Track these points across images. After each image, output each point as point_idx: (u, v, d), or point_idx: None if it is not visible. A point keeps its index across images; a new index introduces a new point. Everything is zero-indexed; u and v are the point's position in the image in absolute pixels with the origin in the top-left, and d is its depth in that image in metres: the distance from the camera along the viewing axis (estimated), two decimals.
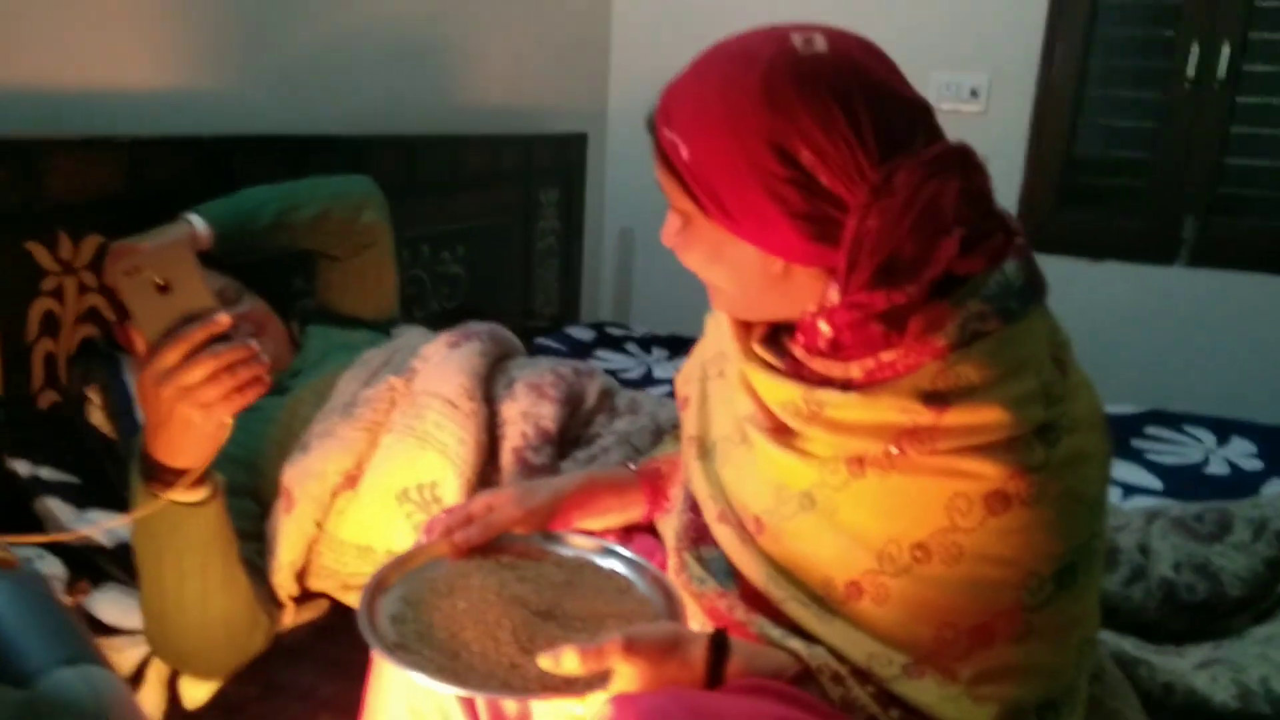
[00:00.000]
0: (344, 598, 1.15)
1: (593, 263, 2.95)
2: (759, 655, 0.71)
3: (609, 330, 2.45)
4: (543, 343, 2.22)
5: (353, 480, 1.14)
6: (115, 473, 1.26)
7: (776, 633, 0.72)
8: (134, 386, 1.27)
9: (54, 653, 0.46)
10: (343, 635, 0.80)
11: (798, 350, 0.74)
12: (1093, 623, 0.73)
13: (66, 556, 1.14)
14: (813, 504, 0.72)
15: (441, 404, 1.15)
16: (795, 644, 0.71)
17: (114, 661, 1.07)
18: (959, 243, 0.67)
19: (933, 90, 2.52)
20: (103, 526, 1.13)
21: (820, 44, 0.70)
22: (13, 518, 1.17)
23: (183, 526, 0.93)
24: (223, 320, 0.85)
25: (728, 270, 0.76)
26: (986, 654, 0.67)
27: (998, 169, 0.72)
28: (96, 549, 1.15)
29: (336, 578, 1.14)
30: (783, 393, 0.74)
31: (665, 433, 1.20)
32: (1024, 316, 0.69)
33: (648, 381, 2.08)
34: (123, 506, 0.95)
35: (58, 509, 1.20)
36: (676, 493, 0.91)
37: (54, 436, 1.30)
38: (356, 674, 0.89)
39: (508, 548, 0.88)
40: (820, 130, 0.67)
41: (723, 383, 0.85)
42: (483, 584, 0.80)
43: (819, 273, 0.72)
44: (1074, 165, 2.52)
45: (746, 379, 0.79)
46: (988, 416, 0.66)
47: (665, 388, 1.97)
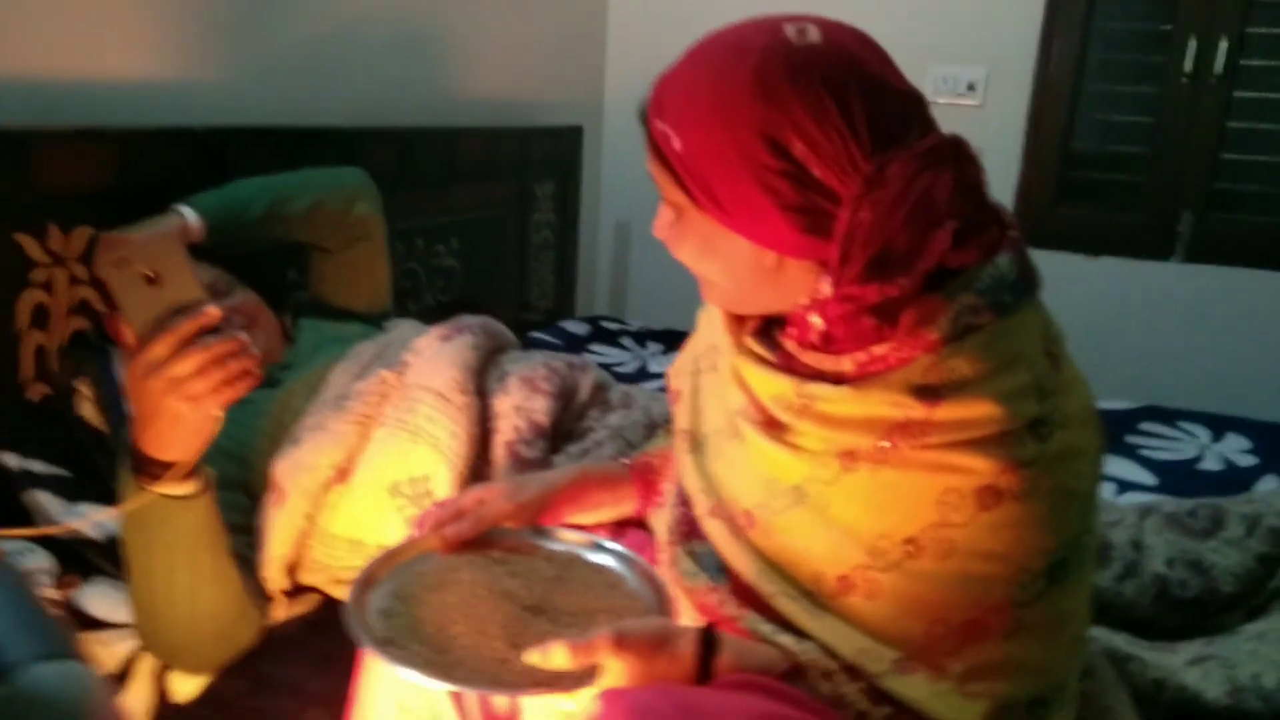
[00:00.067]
0: (335, 592, 1.15)
1: (588, 256, 2.94)
2: (749, 651, 0.70)
3: (604, 324, 2.45)
4: (537, 336, 2.21)
5: (344, 474, 1.13)
6: (106, 466, 1.26)
7: (767, 628, 0.72)
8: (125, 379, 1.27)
9: (32, 647, 0.46)
10: (333, 630, 0.80)
11: (789, 343, 0.73)
12: (1084, 619, 0.72)
13: (56, 550, 1.13)
14: (804, 498, 0.72)
15: (433, 397, 1.14)
16: (785, 639, 0.70)
17: (103, 655, 1.07)
18: (952, 235, 0.66)
19: (930, 84, 2.51)
20: (92, 520, 1.13)
21: (813, 35, 0.69)
22: (1, 511, 1.17)
23: (172, 520, 0.93)
24: (212, 312, 0.85)
25: (720, 263, 0.75)
26: (977, 650, 0.66)
27: (994, 163, 0.71)
28: (86, 542, 1.15)
29: (328, 571, 1.14)
30: (774, 386, 0.74)
31: (658, 427, 1.19)
32: (1017, 310, 0.69)
33: (642, 376, 2.08)
34: (113, 500, 0.94)
35: (47, 502, 1.19)
36: (668, 487, 0.91)
37: (44, 429, 1.29)
38: (346, 669, 0.89)
39: (498, 542, 0.88)
40: (813, 121, 0.66)
41: (715, 376, 0.84)
42: (473, 579, 0.80)
43: (812, 265, 0.71)
44: (1071, 160, 2.52)
45: (738, 372, 0.78)
46: (980, 411, 0.66)
47: (659, 382, 1.97)
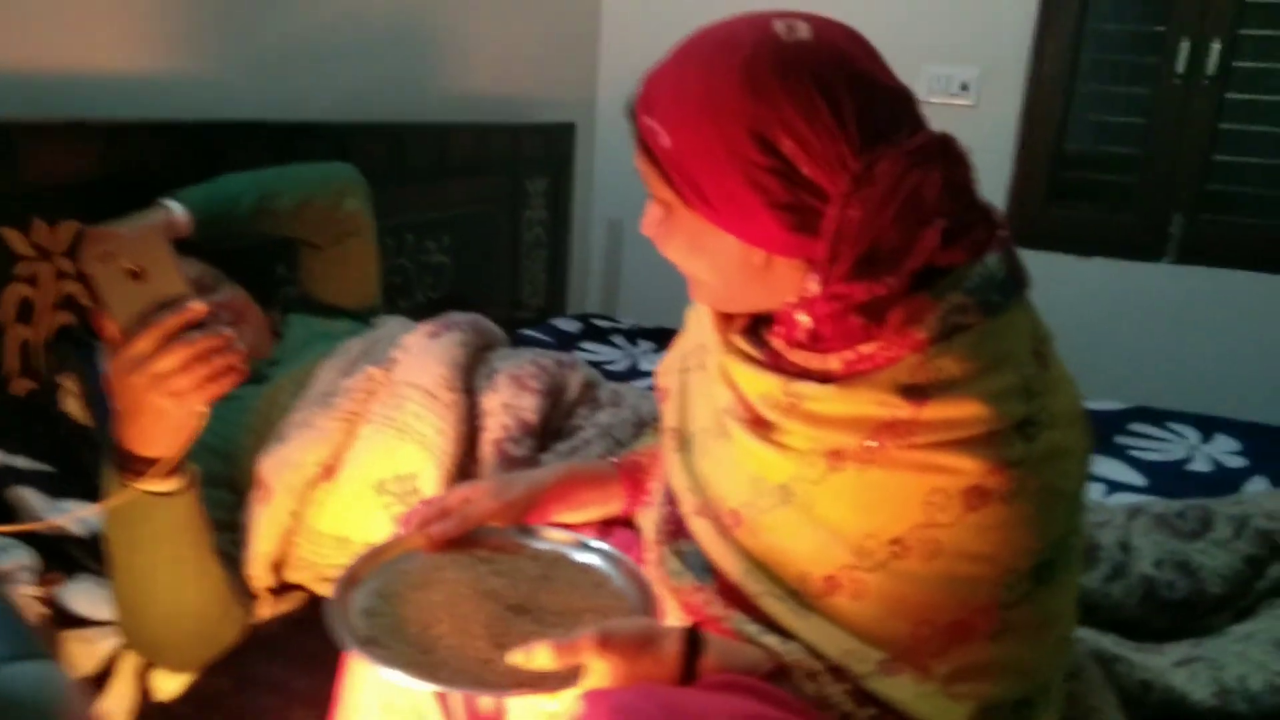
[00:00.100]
0: (320, 589, 1.14)
1: (580, 254, 2.93)
2: (733, 651, 0.70)
3: (595, 322, 2.44)
4: (528, 334, 2.20)
5: (330, 471, 1.13)
6: (91, 462, 1.25)
7: (752, 628, 0.72)
8: None
9: (2, 648, 0.45)
10: (318, 628, 0.79)
11: (777, 342, 0.73)
12: (1070, 620, 0.72)
13: (39, 546, 1.12)
14: (790, 497, 0.72)
15: (421, 395, 1.13)
16: (770, 640, 0.70)
17: (86, 653, 1.06)
18: (941, 234, 0.66)
19: (923, 83, 2.51)
20: (74, 516, 1.12)
21: (803, 31, 0.69)
22: None
23: (155, 517, 0.92)
24: (197, 308, 0.84)
25: (708, 261, 0.75)
26: (963, 651, 0.66)
27: (987, 163, 0.71)
28: (69, 539, 1.14)
29: (314, 569, 1.13)
30: (762, 384, 0.73)
31: (647, 425, 1.19)
32: (1006, 310, 0.69)
33: (633, 374, 2.07)
34: (98, 496, 0.93)
35: (31, 498, 1.18)
36: (656, 486, 0.90)
37: (28, 424, 1.28)
38: (331, 667, 0.88)
39: (484, 541, 0.87)
40: (802, 119, 0.66)
41: (703, 375, 0.84)
42: (457, 578, 0.80)
43: (800, 264, 0.71)
44: (1063, 160, 2.52)
45: (726, 370, 0.78)
46: (967, 411, 0.66)
47: (650, 380, 1.96)
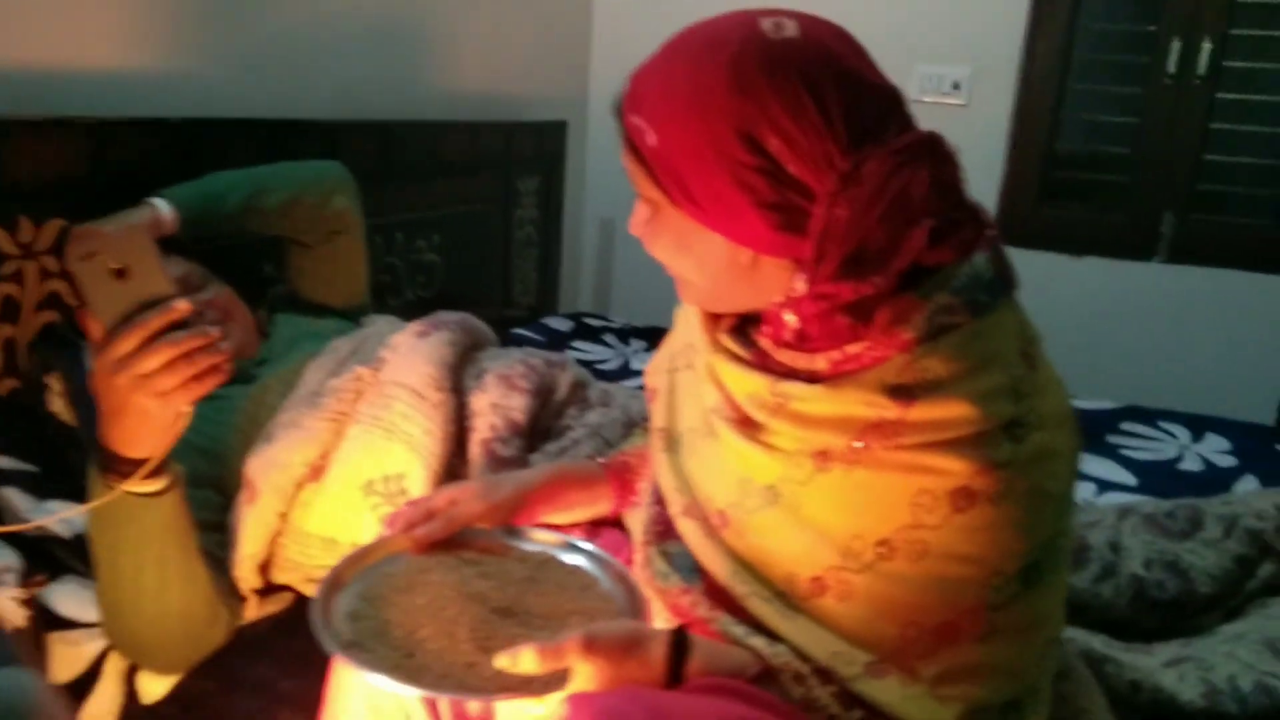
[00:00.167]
0: (308, 590, 1.13)
1: (572, 253, 2.92)
2: (720, 654, 0.70)
3: (587, 321, 2.43)
4: (520, 333, 2.20)
5: (318, 471, 1.12)
6: (76, 462, 1.23)
7: (739, 630, 0.71)
8: None
9: None
10: (304, 629, 0.79)
11: (764, 341, 0.73)
12: (1058, 622, 0.72)
13: (23, 548, 1.11)
14: (777, 498, 0.71)
15: (408, 394, 1.13)
16: (757, 642, 0.70)
17: (71, 655, 1.05)
18: (928, 233, 0.66)
19: (915, 83, 2.51)
20: (58, 517, 1.11)
21: (790, 29, 0.68)
22: None
23: (139, 517, 0.91)
24: (181, 307, 0.83)
25: (695, 261, 0.74)
26: (950, 653, 0.66)
27: (979, 163, 0.70)
28: (54, 540, 1.13)
29: (301, 570, 1.12)
30: (749, 384, 0.73)
31: (637, 425, 1.18)
32: (993, 310, 0.69)
33: (624, 373, 2.07)
34: (84, 496, 0.92)
35: (16, 499, 1.17)
36: (644, 486, 0.90)
37: (13, 424, 1.27)
38: (318, 669, 0.87)
39: (470, 543, 0.87)
40: (789, 117, 0.65)
41: (691, 374, 0.84)
42: (442, 580, 0.79)
43: (787, 263, 0.70)
44: (1055, 160, 2.52)
45: (714, 370, 0.77)
46: (954, 411, 0.65)
47: (641, 380, 1.95)
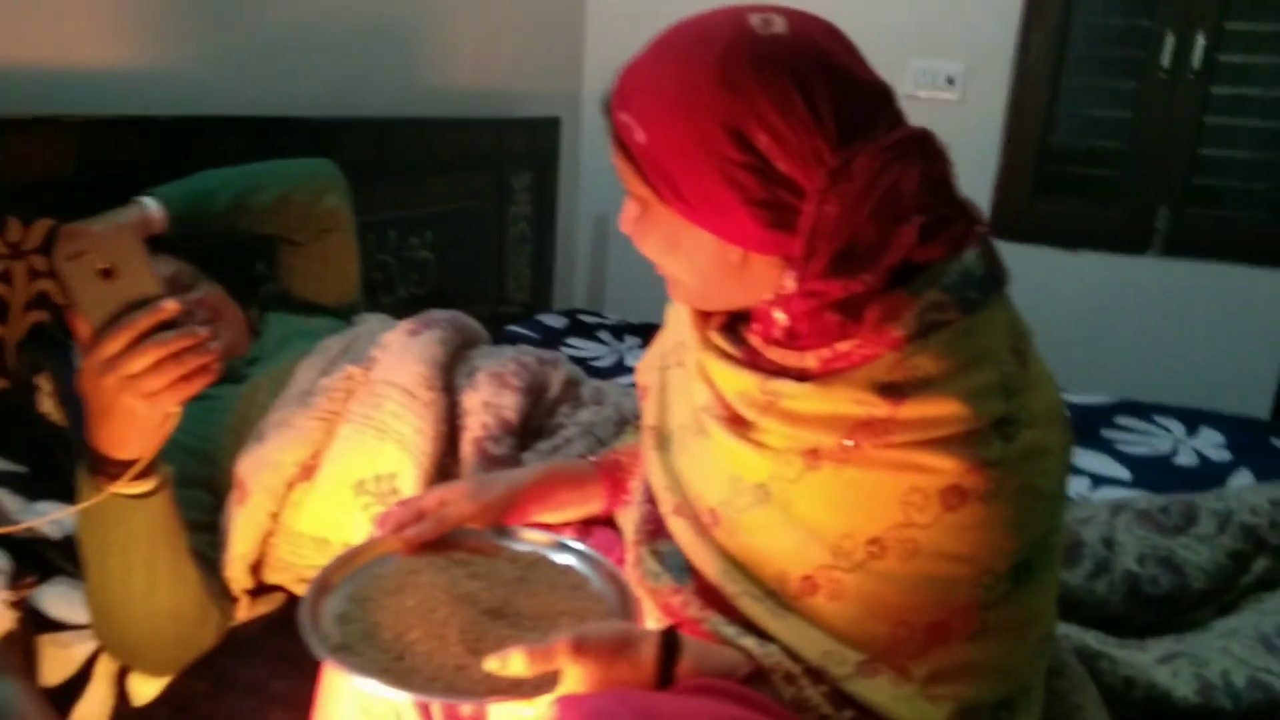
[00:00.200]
0: (299, 591, 1.12)
1: (566, 249, 2.92)
2: (711, 654, 0.69)
3: (581, 318, 2.43)
4: (514, 330, 2.19)
5: (309, 471, 1.11)
6: (67, 462, 1.23)
7: (730, 630, 0.71)
8: None
9: None
10: (296, 630, 0.78)
11: (754, 339, 0.72)
12: (1049, 620, 0.72)
13: (13, 549, 1.11)
14: (768, 497, 0.71)
15: (399, 393, 1.12)
16: (748, 642, 0.69)
17: (62, 657, 1.05)
18: (918, 230, 0.65)
19: (909, 78, 2.50)
20: (47, 519, 1.10)
21: (779, 25, 0.68)
22: None
23: (128, 519, 0.91)
24: (169, 307, 0.83)
25: (685, 258, 0.74)
26: (941, 652, 0.66)
27: (973, 157, 0.70)
28: (44, 541, 1.12)
29: (293, 570, 1.12)
30: (739, 382, 0.72)
31: (630, 423, 1.18)
32: (984, 307, 0.68)
33: (619, 369, 2.06)
34: (74, 497, 0.92)
35: (6, 500, 1.16)
36: (636, 485, 0.89)
37: (2, 425, 1.27)
38: (309, 669, 0.86)
39: (461, 543, 0.86)
40: (777, 113, 0.65)
41: (681, 372, 0.83)
42: (432, 582, 0.78)
43: (777, 261, 0.70)
44: (1049, 154, 2.52)
45: (704, 368, 0.77)
46: (945, 409, 0.65)
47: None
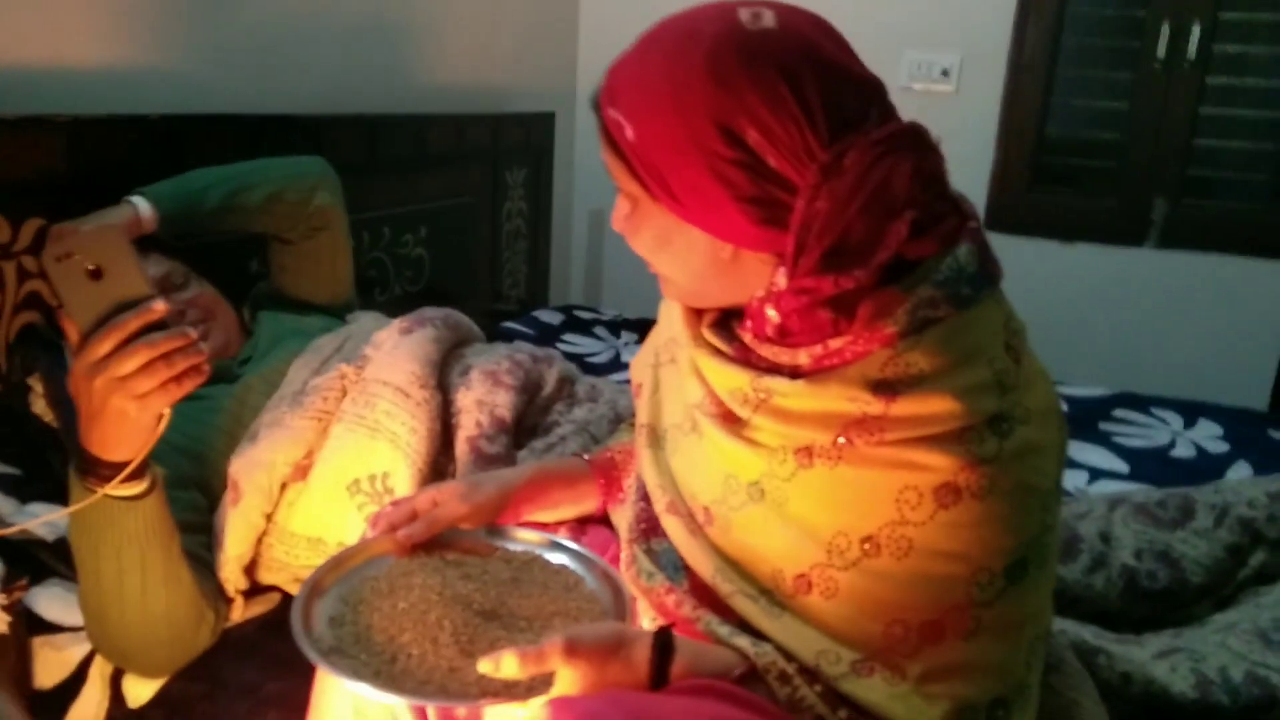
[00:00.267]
0: (294, 591, 1.12)
1: (562, 245, 2.91)
2: (705, 654, 0.69)
3: (577, 314, 2.42)
4: (510, 327, 2.18)
5: (303, 471, 1.11)
6: (59, 463, 1.22)
7: (724, 630, 0.70)
8: None
9: None
10: (291, 631, 0.78)
11: (746, 336, 0.72)
12: (1045, 618, 0.71)
13: (6, 552, 1.10)
14: (761, 495, 0.70)
15: (392, 392, 1.12)
16: (742, 642, 0.69)
17: (56, 659, 1.04)
18: (910, 225, 0.65)
19: (904, 69, 2.49)
20: (39, 521, 1.10)
21: (768, 19, 0.67)
22: None
23: (120, 520, 0.90)
24: (158, 308, 0.82)
25: (676, 256, 0.73)
26: (936, 651, 0.65)
27: (969, 149, 0.69)
28: (37, 543, 1.12)
29: (288, 570, 1.11)
30: (731, 380, 0.72)
31: (625, 421, 1.17)
32: (977, 303, 0.68)
33: (615, 365, 2.06)
34: (66, 499, 0.91)
35: None
36: (630, 483, 0.89)
37: None
38: (304, 671, 0.86)
39: (454, 543, 0.85)
40: (767, 109, 0.64)
41: (674, 369, 0.83)
42: (424, 583, 0.77)
43: (768, 257, 0.69)
44: (1045, 146, 2.51)
45: (696, 365, 0.77)
46: (938, 406, 0.64)
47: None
